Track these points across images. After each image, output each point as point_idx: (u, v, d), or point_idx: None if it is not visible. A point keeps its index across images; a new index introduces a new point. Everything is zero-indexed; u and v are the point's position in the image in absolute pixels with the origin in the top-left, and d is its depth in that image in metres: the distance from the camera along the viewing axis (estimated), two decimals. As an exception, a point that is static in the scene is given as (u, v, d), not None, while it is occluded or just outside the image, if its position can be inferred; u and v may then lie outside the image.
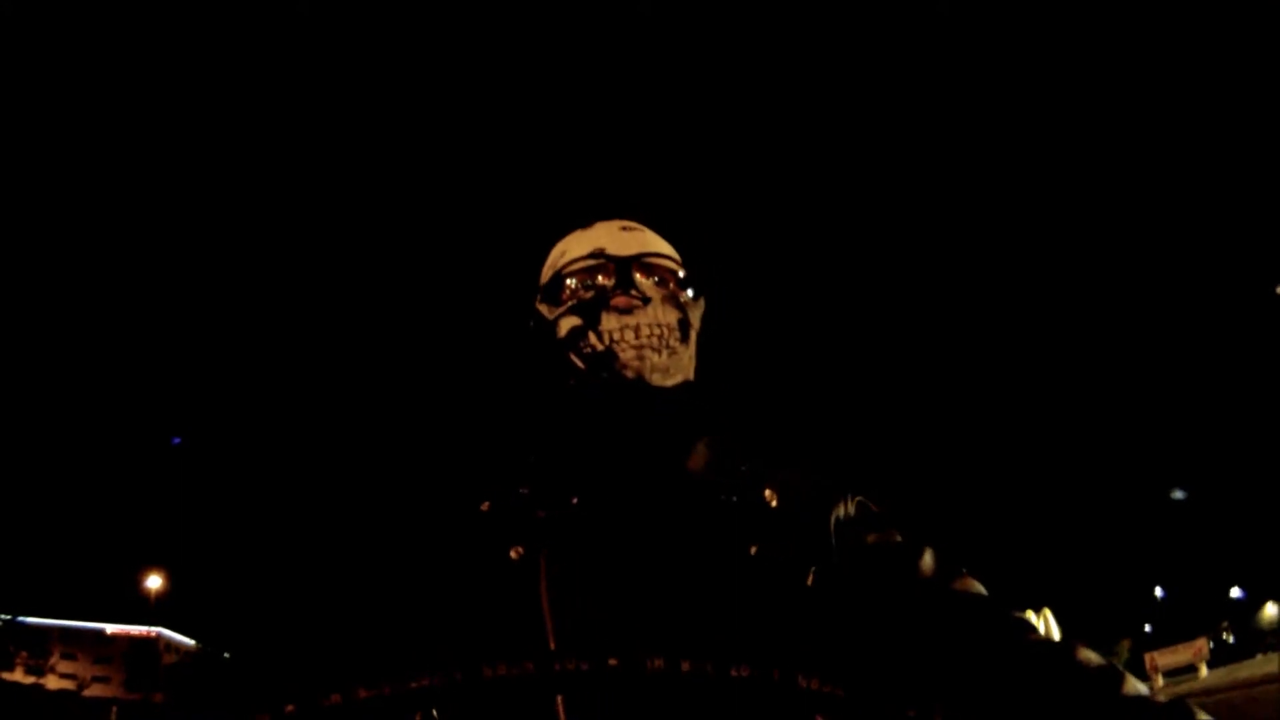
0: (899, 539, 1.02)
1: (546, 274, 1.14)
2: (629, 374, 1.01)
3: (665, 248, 1.13)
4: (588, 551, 0.92)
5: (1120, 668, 0.84)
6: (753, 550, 0.94)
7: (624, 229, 1.12)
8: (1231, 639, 30.48)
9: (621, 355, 1.01)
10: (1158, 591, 40.86)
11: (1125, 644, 35.58)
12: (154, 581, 35.04)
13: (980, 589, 0.97)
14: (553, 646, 0.86)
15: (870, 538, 1.01)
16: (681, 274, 1.11)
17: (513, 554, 0.92)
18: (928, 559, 0.99)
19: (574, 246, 1.12)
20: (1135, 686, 0.83)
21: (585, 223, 1.16)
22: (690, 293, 1.10)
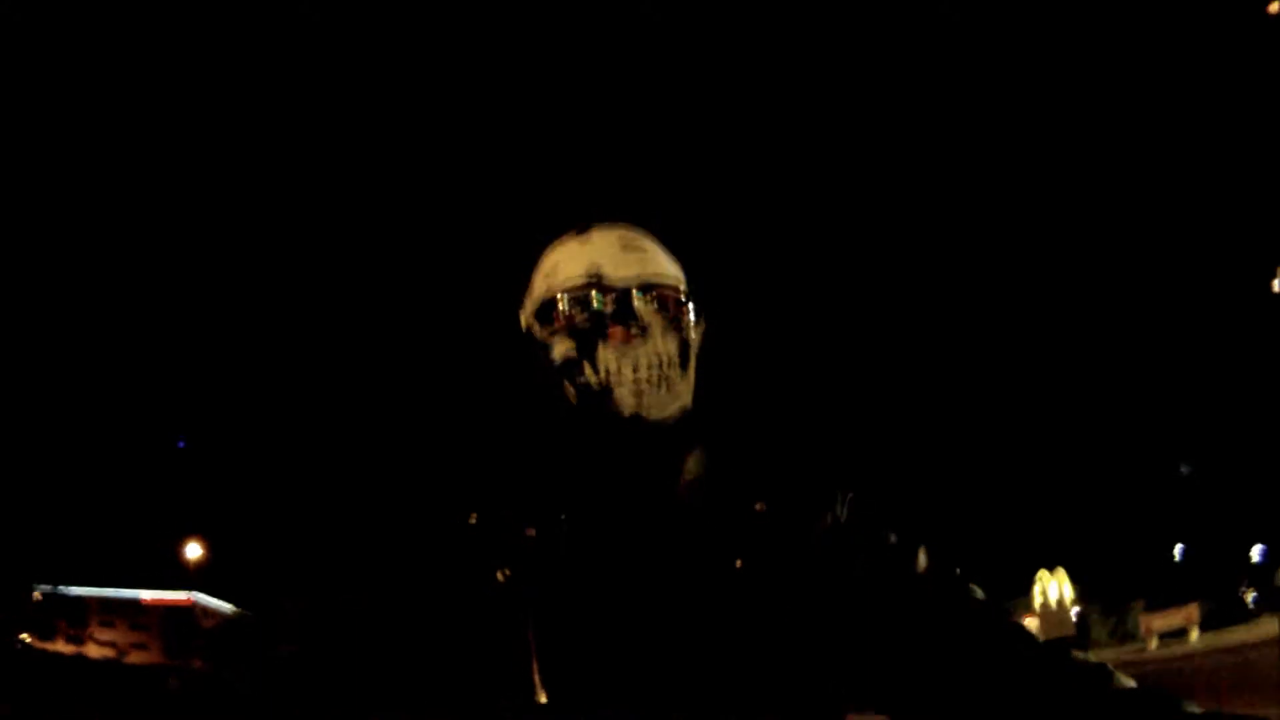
0: (893, 540, 1.02)
1: (538, 287, 1.10)
2: (625, 412, 0.99)
3: (667, 267, 1.09)
4: (575, 574, 0.92)
5: (1110, 667, 0.86)
6: (738, 564, 0.94)
7: (623, 243, 1.07)
8: (1253, 598, 30.48)
9: (618, 392, 0.99)
10: (1176, 550, 40.81)
11: (1139, 604, 35.54)
12: (192, 550, 35.73)
13: (976, 593, 0.97)
14: (536, 674, 0.88)
15: (863, 540, 1.01)
16: (683, 293, 1.07)
17: (499, 576, 0.92)
18: (921, 562, 0.98)
19: (568, 261, 1.07)
20: (1123, 682, 0.84)
21: (580, 227, 1.10)
22: (692, 313, 1.07)
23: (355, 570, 1.02)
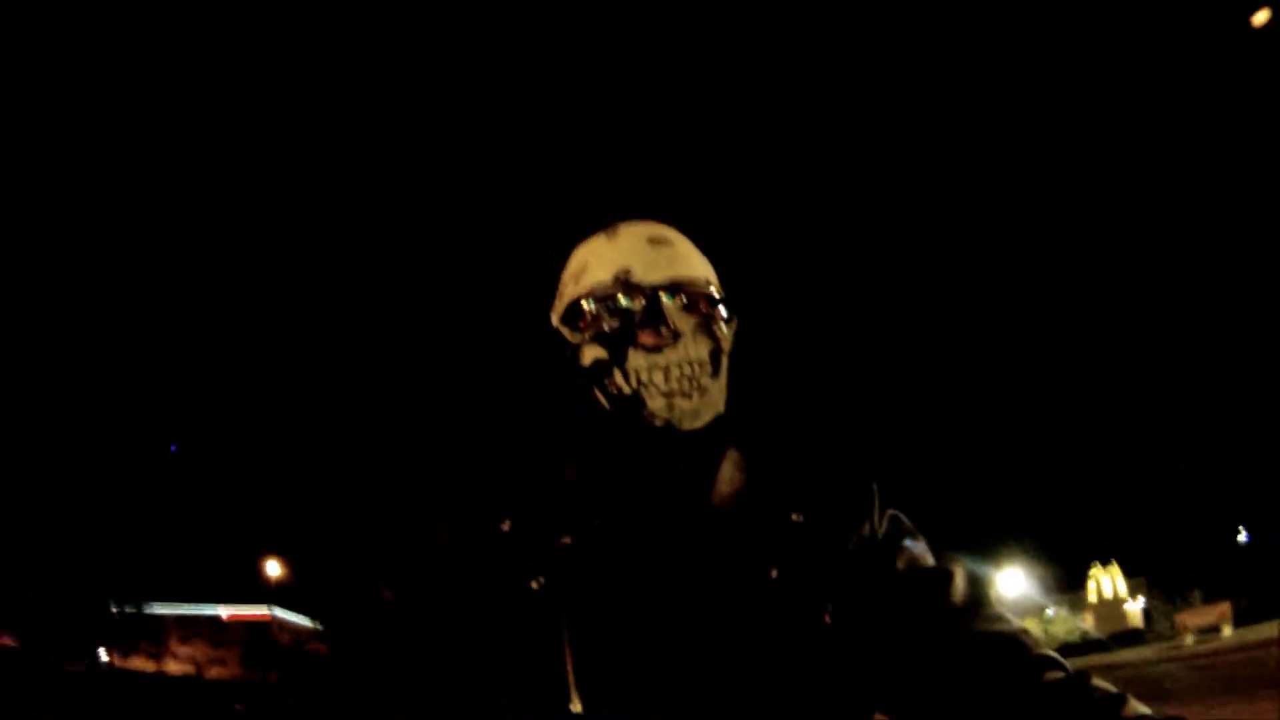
0: (929, 562, 1.01)
1: (567, 288, 1.08)
2: (658, 422, 0.98)
3: (697, 267, 1.06)
4: (610, 582, 0.91)
5: (1127, 695, 0.85)
6: (774, 573, 0.93)
7: (652, 242, 1.04)
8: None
9: (650, 403, 0.97)
10: (1241, 536, 39.90)
11: (1196, 594, 34.69)
12: (272, 568, 36.50)
13: (1010, 620, 0.95)
14: (572, 682, 0.86)
15: (900, 562, 1.00)
16: (714, 293, 1.04)
17: (534, 584, 0.91)
18: (958, 586, 0.97)
19: (597, 263, 1.04)
20: (1136, 708, 0.83)
21: (608, 224, 1.08)
22: (723, 313, 1.04)
23: (388, 578, 1.01)
